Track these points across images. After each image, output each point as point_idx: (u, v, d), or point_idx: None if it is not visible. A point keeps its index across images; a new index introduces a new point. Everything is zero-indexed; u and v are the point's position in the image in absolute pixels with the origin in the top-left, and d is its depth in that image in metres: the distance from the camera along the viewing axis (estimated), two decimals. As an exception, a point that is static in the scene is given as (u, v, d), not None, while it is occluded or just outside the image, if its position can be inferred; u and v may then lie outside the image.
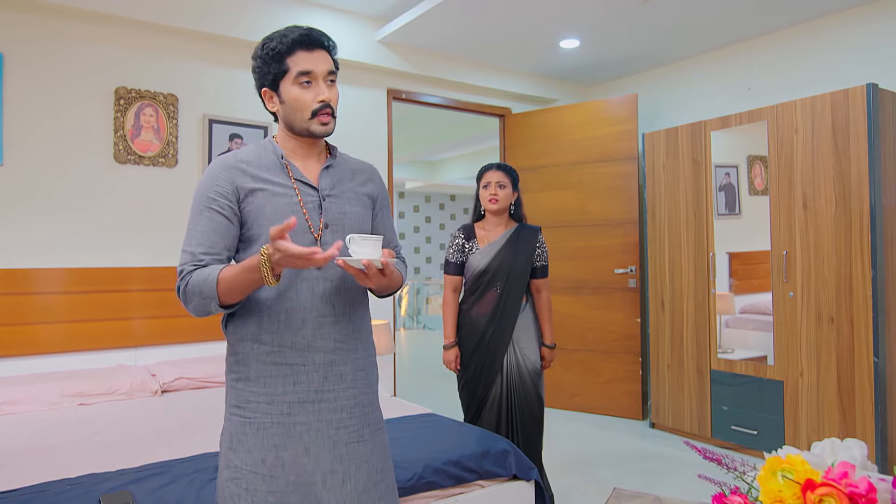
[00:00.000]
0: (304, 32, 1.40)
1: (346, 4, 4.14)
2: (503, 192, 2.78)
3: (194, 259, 1.34)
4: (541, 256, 2.86)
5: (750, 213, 3.93)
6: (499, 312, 2.75)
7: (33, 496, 1.77)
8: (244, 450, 1.36)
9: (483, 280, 2.77)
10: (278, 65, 1.39)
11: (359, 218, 1.50)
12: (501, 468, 2.23)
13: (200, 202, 1.38)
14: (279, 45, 1.39)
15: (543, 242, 2.89)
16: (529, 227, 2.86)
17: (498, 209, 2.79)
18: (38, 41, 3.30)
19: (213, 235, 1.36)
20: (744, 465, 1.02)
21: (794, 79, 4.20)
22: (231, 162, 1.42)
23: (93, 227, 3.42)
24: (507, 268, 2.75)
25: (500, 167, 2.82)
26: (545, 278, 2.89)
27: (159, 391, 3.13)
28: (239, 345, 1.41)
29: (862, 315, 3.27)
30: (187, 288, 1.32)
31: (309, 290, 1.40)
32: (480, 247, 2.80)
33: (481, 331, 2.75)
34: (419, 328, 11.10)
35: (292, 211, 1.40)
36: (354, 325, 1.46)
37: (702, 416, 4.05)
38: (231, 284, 1.27)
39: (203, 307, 1.32)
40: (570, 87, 5.59)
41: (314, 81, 1.40)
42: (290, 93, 1.40)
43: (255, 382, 1.38)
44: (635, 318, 4.65)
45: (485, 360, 2.74)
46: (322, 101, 1.40)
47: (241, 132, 3.88)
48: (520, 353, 2.76)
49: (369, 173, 1.59)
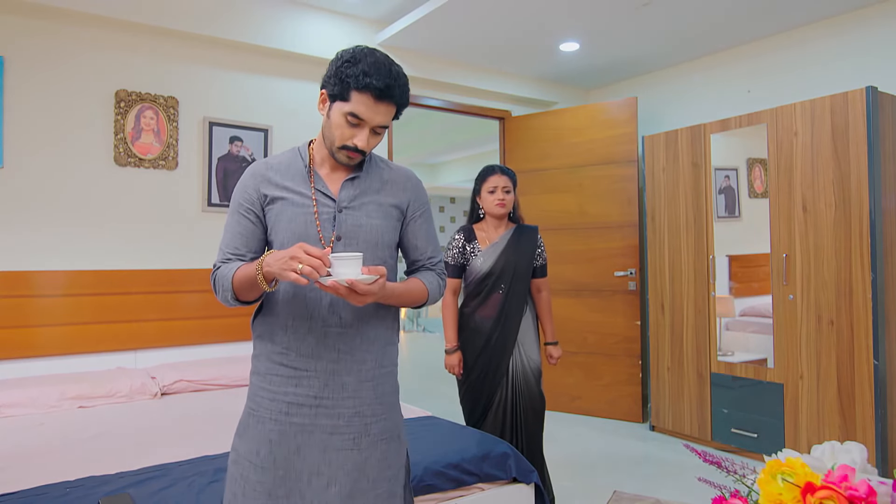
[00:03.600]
0: (383, 86, 1.34)
1: (346, 8, 4.15)
2: (509, 197, 2.80)
3: (223, 256, 1.48)
4: (540, 255, 2.88)
5: (750, 215, 3.93)
6: (503, 315, 2.74)
7: (32, 499, 1.77)
8: (246, 438, 1.44)
9: (487, 283, 2.76)
10: (342, 89, 1.37)
11: (376, 230, 1.47)
12: (501, 471, 2.23)
13: (233, 206, 1.50)
14: (354, 79, 1.35)
15: (542, 242, 2.91)
16: (529, 228, 2.87)
17: (504, 213, 2.82)
18: (38, 44, 3.30)
19: (239, 238, 1.47)
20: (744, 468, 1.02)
21: (794, 82, 4.20)
22: (261, 169, 1.49)
23: (93, 229, 3.42)
24: (510, 269, 2.75)
25: (503, 171, 2.83)
26: (545, 277, 2.92)
27: (159, 394, 3.13)
28: (257, 341, 1.49)
29: (862, 318, 3.27)
30: (215, 281, 1.46)
31: (317, 299, 1.42)
32: (482, 248, 2.80)
33: (486, 334, 2.74)
34: (419, 331, 11.10)
35: (306, 222, 1.42)
36: (363, 336, 1.45)
37: (702, 419, 4.05)
38: (241, 282, 1.38)
39: (225, 298, 1.44)
40: (570, 90, 5.59)
41: (361, 126, 1.39)
42: (336, 118, 1.40)
43: (263, 378, 1.45)
44: (635, 321, 4.65)
45: (490, 363, 2.73)
46: (355, 144, 1.40)
47: (242, 135, 3.88)
48: (524, 354, 2.77)
49: (403, 181, 1.56)
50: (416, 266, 1.60)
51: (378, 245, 1.48)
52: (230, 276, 1.40)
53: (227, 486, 1.46)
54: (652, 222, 4.39)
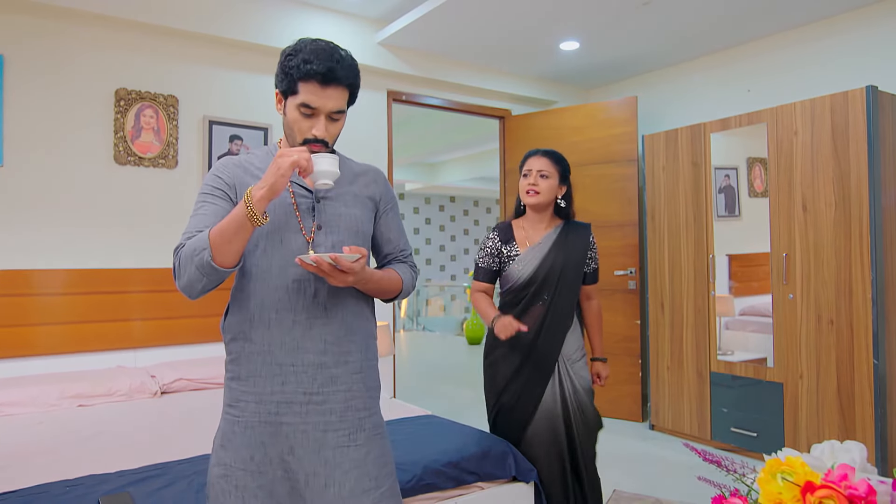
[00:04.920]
0: (326, 68, 1.34)
1: (346, 7, 4.14)
2: (545, 183, 2.33)
3: (189, 235, 1.35)
4: (593, 259, 2.42)
5: (750, 215, 3.93)
6: (544, 330, 2.27)
7: (32, 498, 1.77)
8: (233, 448, 1.38)
9: (527, 293, 2.30)
10: (290, 83, 1.38)
11: (356, 219, 1.49)
12: (501, 470, 2.22)
13: (204, 191, 1.42)
14: (296, 69, 1.36)
15: (595, 243, 2.44)
16: (579, 225, 2.40)
17: (537, 203, 2.33)
18: (38, 43, 3.30)
19: (213, 218, 1.36)
20: (743, 468, 1.02)
21: (794, 81, 4.20)
22: (235, 160, 1.48)
23: (92, 228, 3.42)
24: (555, 276, 2.28)
25: (545, 153, 2.40)
26: (595, 283, 2.45)
27: (159, 392, 3.13)
28: (232, 343, 1.43)
29: (861, 317, 3.27)
30: (182, 255, 1.31)
31: (300, 290, 1.40)
32: (521, 251, 2.34)
33: (523, 352, 2.28)
34: (419, 330, 11.10)
35: (286, 213, 1.41)
36: (348, 327, 1.44)
37: (701, 418, 4.05)
38: (221, 232, 1.26)
39: (197, 267, 1.27)
40: (570, 90, 5.59)
41: (316, 115, 1.39)
42: (291, 113, 1.40)
43: (245, 381, 1.39)
44: (635, 320, 4.65)
45: (524, 387, 2.28)
46: (314, 136, 1.39)
47: (242, 133, 3.88)
48: (572, 372, 2.30)
49: (373, 175, 1.59)
50: (389, 259, 1.62)
51: (358, 233, 1.49)
52: (205, 236, 1.27)
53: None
54: (652, 221, 4.39)
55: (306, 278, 1.40)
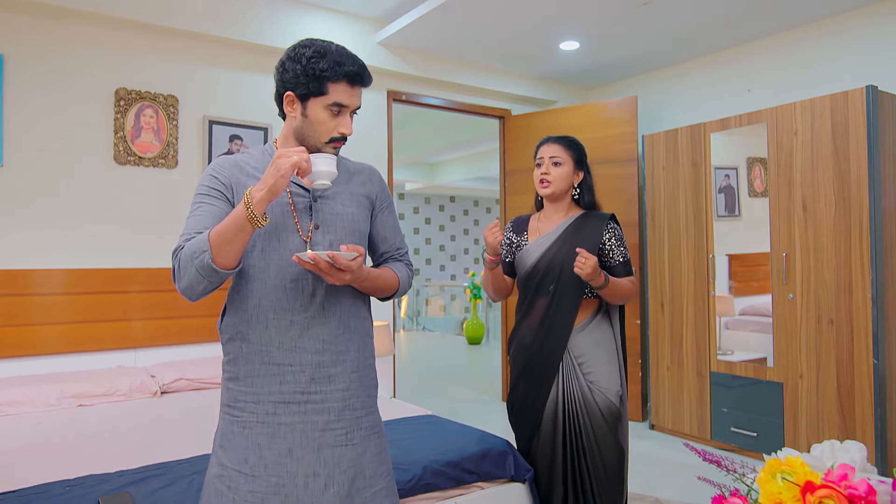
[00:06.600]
0: (357, 70, 1.40)
1: (346, 6, 4.14)
2: (558, 172, 2.19)
3: (188, 237, 1.34)
4: (614, 250, 2.15)
5: (750, 215, 3.93)
6: (546, 324, 2.13)
7: (32, 498, 1.77)
8: (231, 448, 1.38)
9: (531, 284, 2.18)
10: (318, 85, 1.38)
11: (352, 218, 1.49)
12: (500, 470, 2.23)
13: (201, 192, 1.41)
14: (329, 71, 1.37)
15: (618, 232, 2.18)
16: (596, 215, 2.20)
17: (551, 193, 2.20)
18: (38, 43, 3.30)
19: (211, 219, 1.36)
20: (743, 467, 1.02)
21: (794, 81, 4.20)
22: (231, 160, 1.47)
23: (92, 228, 3.42)
24: (557, 267, 2.12)
25: (558, 139, 2.26)
26: (629, 276, 2.16)
27: (159, 392, 3.13)
28: (229, 344, 1.42)
29: (861, 317, 3.27)
30: (180, 259, 1.30)
31: (298, 290, 1.40)
32: (529, 241, 2.22)
33: (526, 349, 2.17)
34: (419, 330, 11.09)
35: (283, 213, 1.41)
36: (345, 326, 1.44)
37: (701, 417, 4.05)
38: (221, 233, 1.25)
39: (197, 269, 1.26)
40: (570, 89, 5.59)
41: (343, 113, 1.42)
42: (317, 114, 1.40)
43: (243, 382, 1.40)
44: (635, 320, 4.65)
45: (530, 388, 2.16)
46: (342, 133, 1.42)
47: (241, 133, 3.88)
48: (588, 383, 2.09)
49: (368, 174, 1.59)
50: (385, 257, 1.62)
51: (355, 232, 1.49)
52: (204, 238, 1.26)
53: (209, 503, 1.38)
54: (652, 221, 4.39)
55: (304, 278, 1.40)
